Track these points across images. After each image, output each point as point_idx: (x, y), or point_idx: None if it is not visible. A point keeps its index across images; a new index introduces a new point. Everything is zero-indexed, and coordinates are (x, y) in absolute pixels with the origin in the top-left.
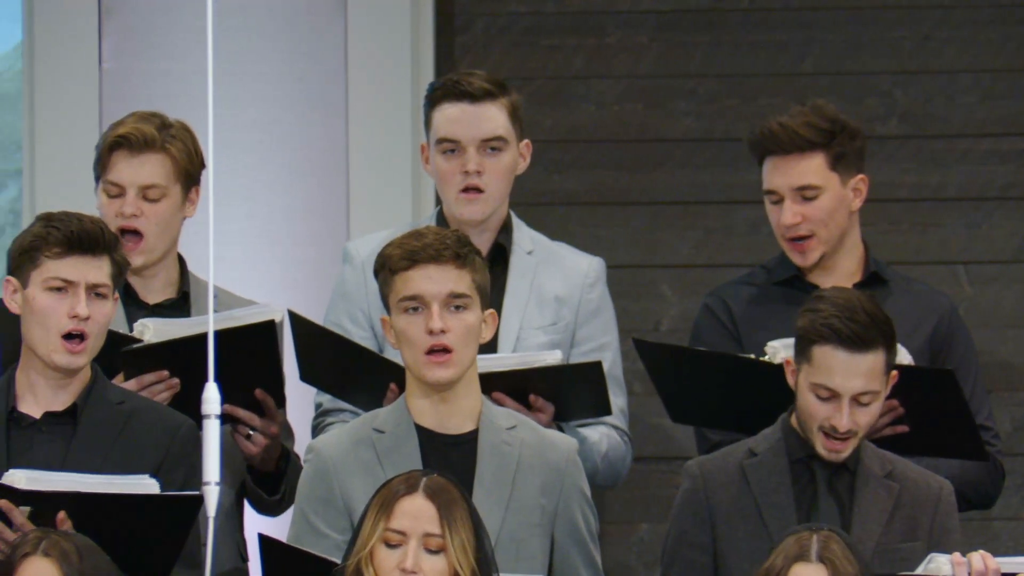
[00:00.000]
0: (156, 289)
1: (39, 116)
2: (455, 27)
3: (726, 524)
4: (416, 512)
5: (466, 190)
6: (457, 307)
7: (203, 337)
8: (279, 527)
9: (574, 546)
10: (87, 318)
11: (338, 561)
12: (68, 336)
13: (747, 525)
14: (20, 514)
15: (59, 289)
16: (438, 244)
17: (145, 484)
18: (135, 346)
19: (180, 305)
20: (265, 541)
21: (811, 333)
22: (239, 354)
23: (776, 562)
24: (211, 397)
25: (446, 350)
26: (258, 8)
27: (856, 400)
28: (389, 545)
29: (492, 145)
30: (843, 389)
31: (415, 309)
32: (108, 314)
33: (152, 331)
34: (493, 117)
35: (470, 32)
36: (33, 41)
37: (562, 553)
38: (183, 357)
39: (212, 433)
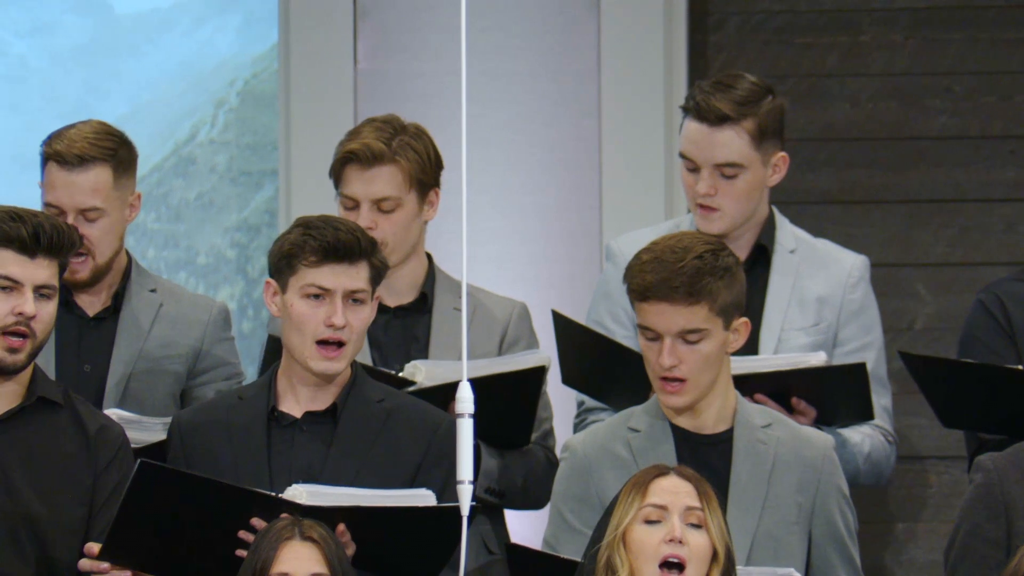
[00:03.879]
0: (399, 291)
1: (294, 116)
2: (708, 25)
3: (1022, 520)
4: (675, 488)
5: (701, 206)
6: (689, 342)
7: (481, 380)
8: (538, 523)
9: (832, 544)
10: (343, 326)
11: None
12: (324, 343)
13: None
14: None
15: (316, 296)
16: (673, 279)
17: (422, 496)
18: (411, 390)
19: (419, 307)
20: (510, 548)
21: None
22: (503, 393)
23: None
24: (465, 396)
25: (677, 380)
26: (511, 8)
27: None
28: (649, 522)
29: (726, 172)
30: None
31: (651, 338)
32: (366, 318)
33: (424, 373)
34: (728, 143)
35: (723, 30)
36: (289, 42)
37: (820, 551)
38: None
39: (466, 432)
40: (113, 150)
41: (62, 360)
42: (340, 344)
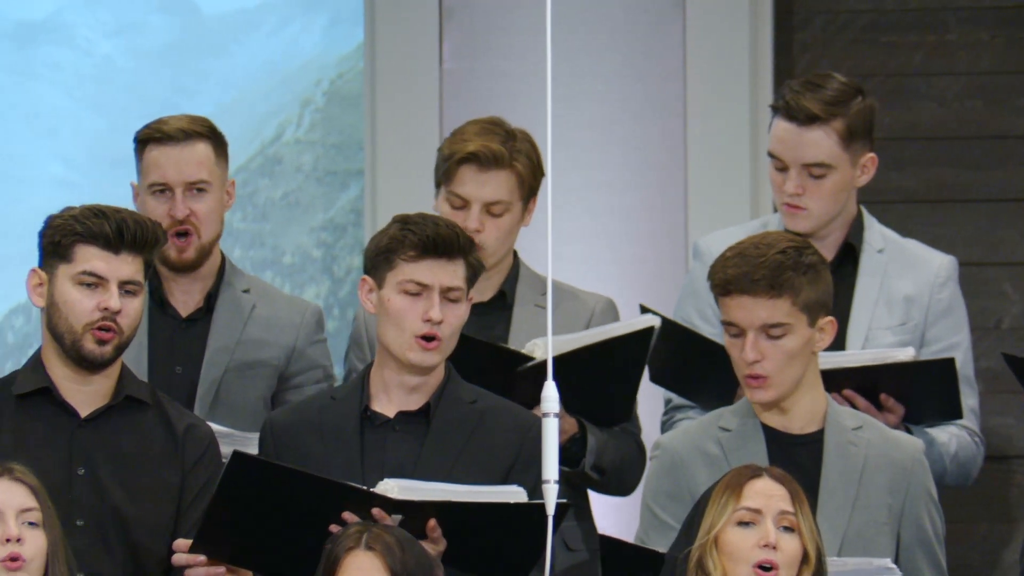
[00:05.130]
0: (478, 288)
1: (380, 116)
2: (793, 24)
3: None
4: (769, 491)
5: (788, 205)
6: (772, 336)
7: (593, 348)
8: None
9: (919, 547)
10: (440, 322)
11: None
12: (422, 338)
13: None
14: (392, 522)
15: (414, 292)
16: (754, 273)
17: (513, 492)
18: (530, 364)
19: (497, 304)
20: (604, 541)
21: None
22: (614, 361)
23: None
24: (550, 395)
25: (759, 377)
26: (597, 7)
27: None
28: (742, 525)
29: (814, 172)
30: None
31: (734, 334)
32: (461, 316)
33: (542, 348)
34: (817, 143)
35: (809, 29)
36: (375, 42)
37: (907, 554)
38: (573, 369)
39: (551, 432)
40: (211, 128)
41: (155, 361)
42: (436, 339)
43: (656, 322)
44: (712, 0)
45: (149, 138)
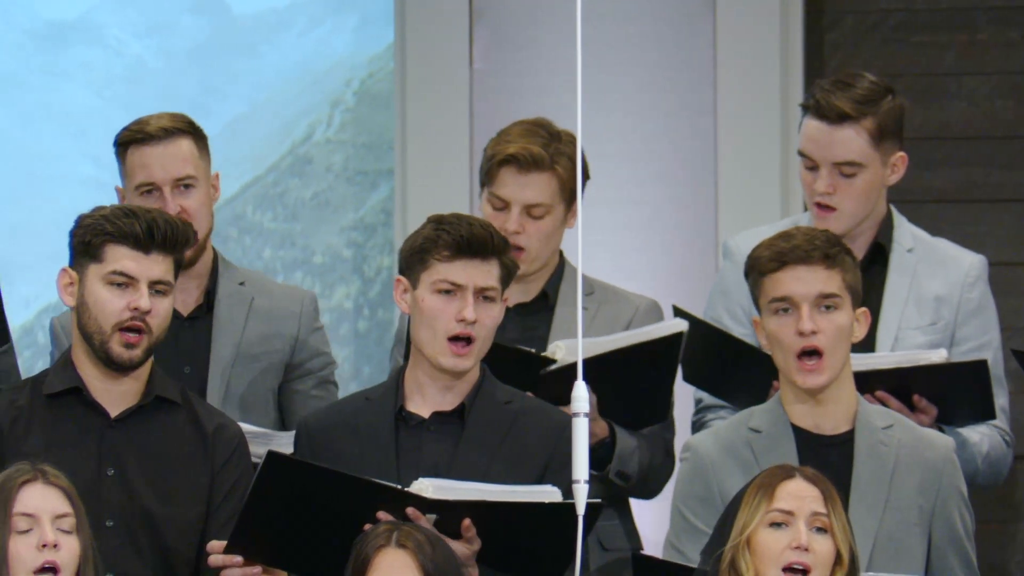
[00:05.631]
0: (520, 289)
1: (410, 116)
2: (824, 25)
3: None
4: (801, 493)
5: (819, 205)
6: (827, 307)
7: (620, 352)
8: (660, 521)
9: (951, 546)
10: (474, 321)
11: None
12: (455, 339)
13: None
14: (427, 522)
15: (447, 292)
16: (806, 245)
17: (548, 492)
18: (553, 367)
19: (540, 305)
20: (635, 557)
21: None
22: (644, 365)
23: None
24: (580, 395)
25: (817, 352)
26: (627, 8)
27: None
28: (775, 527)
29: (845, 171)
30: None
31: (785, 311)
32: (495, 316)
33: (564, 350)
34: (848, 142)
35: (839, 29)
36: (405, 42)
37: (939, 553)
38: (602, 372)
39: (581, 432)
40: (190, 123)
41: (161, 363)
42: (469, 341)
43: (684, 327)
44: (743, 1)
45: (131, 140)
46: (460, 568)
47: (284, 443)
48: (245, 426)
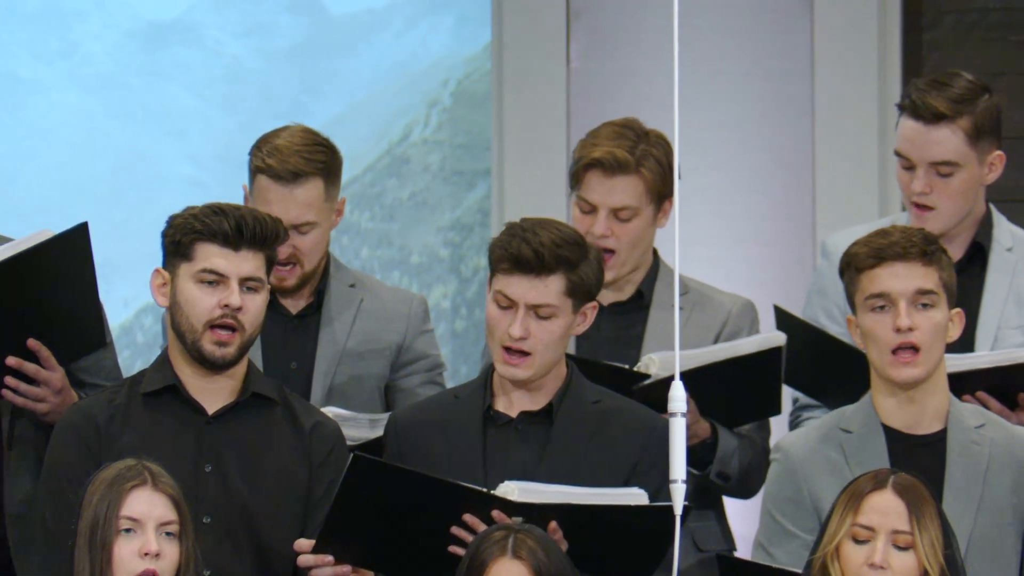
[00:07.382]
0: (616, 288)
1: (508, 116)
2: (922, 24)
3: None
4: (885, 508)
5: (916, 205)
6: (924, 304)
7: (711, 368)
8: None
9: None
10: (519, 338)
11: (798, 571)
12: (507, 350)
13: None
14: (513, 524)
15: (505, 307)
16: (904, 242)
17: (634, 495)
18: (646, 383)
19: (635, 304)
20: (720, 559)
21: None
22: (743, 374)
23: None
24: (677, 395)
25: (914, 348)
26: (724, 7)
27: None
28: (857, 541)
29: (941, 171)
30: None
31: (882, 308)
32: (552, 331)
33: (658, 364)
34: (944, 141)
35: (938, 28)
36: (502, 42)
37: None
38: (691, 384)
39: (678, 431)
40: (324, 162)
41: (269, 359)
42: (522, 354)
43: (782, 341)
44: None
45: (261, 169)
46: (573, 569)
47: (374, 427)
48: (335, 410)
